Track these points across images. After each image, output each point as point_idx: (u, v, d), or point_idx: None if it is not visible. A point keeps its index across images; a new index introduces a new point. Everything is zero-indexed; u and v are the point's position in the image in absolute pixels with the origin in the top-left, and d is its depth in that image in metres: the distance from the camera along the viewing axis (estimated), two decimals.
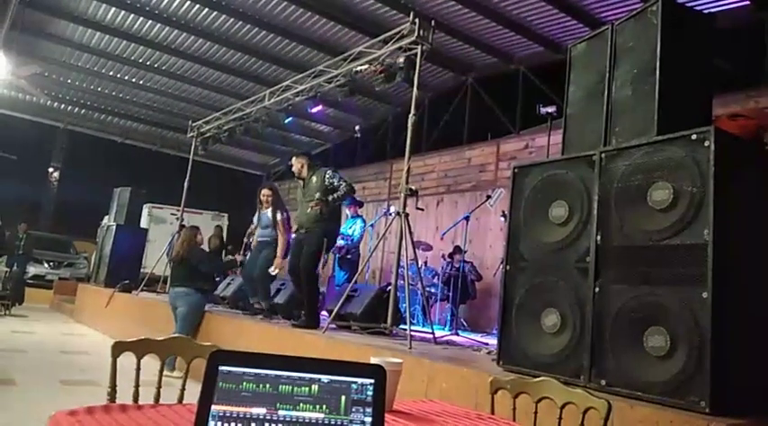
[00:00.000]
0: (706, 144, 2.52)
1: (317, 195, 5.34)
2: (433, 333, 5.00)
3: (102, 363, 5.73)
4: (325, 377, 0.98)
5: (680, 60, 2.96)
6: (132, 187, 10.60)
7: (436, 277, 8.48)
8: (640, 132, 2.93)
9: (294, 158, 5.79)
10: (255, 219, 6.76)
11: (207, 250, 7.49)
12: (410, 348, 4.11)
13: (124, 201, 10.47)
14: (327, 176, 5.45)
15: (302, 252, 5.36)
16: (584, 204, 3.05)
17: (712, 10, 7.20)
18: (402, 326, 5.36)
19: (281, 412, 0.95)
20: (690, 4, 3.65)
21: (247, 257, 6.87)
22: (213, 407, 0.94)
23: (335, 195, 5.37)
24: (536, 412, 1.86)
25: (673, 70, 2.91)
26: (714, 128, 2.54)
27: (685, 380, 2.40)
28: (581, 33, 7.75)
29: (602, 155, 3.00)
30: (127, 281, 8.95)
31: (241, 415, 0.94)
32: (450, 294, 7.77)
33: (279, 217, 6.42)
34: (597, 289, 2.87)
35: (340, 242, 7.52)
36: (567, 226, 3.12)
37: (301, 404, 0.96)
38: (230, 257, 7.72)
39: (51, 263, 13.67)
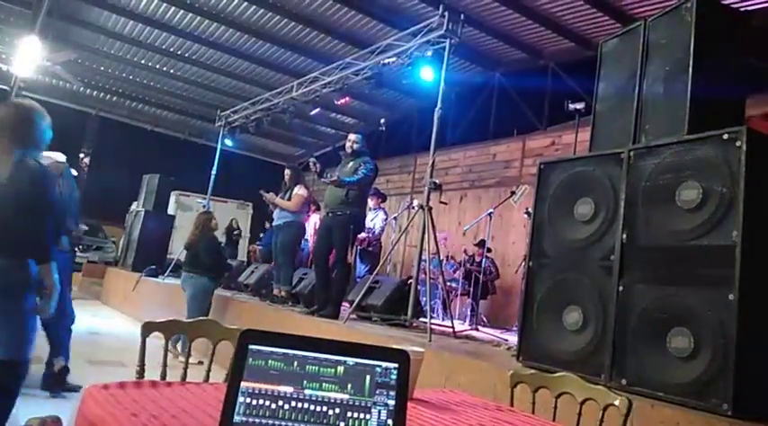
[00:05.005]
0: (738, 144, 2.48)
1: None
2: (452, 327, 5.02)
3: (129, 345, 5.87)
4: (350, 360, 1.01)
5: (713, 58, 2.91)
6: (161, 174, 10.77)
7: (458, 271, 8.48)
8: (671, 131, 2.89)
9: (351, 135, 5.61)
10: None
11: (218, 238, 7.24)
12: (430, 341, 4.13)
13: (153, 188, 10.65)
14: (360, 165, 5.30)
15: (332, 242, 5.36)
16: (610, 202, 3.02)
17: (748, 8, 7.03)
18: (422, 319, 5.38)
19: (306, 391, 0.99)
20: (725, 2, 3.58)
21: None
22: (243, 383, 0.98)
23: (347, 178, 5.22)
24: (555, 407, 1.87)
25: (706, 68, 2.87)
26: (747, 129, 2.49)
27: (708, 382, 2.38)
28: (612, 29, 7.63)
29: (631, 153, 2.97)
30: (153, 266, 9.12)
31: (269, 392, 0.98)
32: (471, 289, 7.76)
33: (298, 191, 6.41)
34: (621, 288, 2.85)
35: (361, 234, 7.51)
36: (592, 223, 3.10)
37: (327, 384, 0.99)
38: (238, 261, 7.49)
39: (81, 246, 13.95)
